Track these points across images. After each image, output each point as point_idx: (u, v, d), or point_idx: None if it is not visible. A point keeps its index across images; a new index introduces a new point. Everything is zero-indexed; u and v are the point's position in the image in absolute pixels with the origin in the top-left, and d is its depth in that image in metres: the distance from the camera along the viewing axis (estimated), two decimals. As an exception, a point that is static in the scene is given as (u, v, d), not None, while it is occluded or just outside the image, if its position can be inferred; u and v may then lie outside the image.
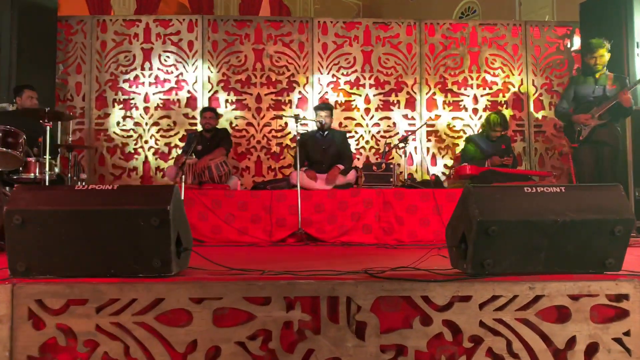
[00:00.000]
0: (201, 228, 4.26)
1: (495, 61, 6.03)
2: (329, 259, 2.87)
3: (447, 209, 4.32)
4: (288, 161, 5.75)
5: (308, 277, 1.84)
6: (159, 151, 5.73)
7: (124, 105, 5.76)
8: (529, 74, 6.02)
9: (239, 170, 5.76)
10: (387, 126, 5.89)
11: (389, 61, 5.93)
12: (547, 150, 5.99)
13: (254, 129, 5.79)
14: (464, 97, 5.97)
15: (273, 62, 5.85)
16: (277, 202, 4.31)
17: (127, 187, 2.04)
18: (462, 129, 5.95)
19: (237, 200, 4.32)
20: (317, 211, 4.31)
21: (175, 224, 1.90)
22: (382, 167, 4.52)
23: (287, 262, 2.68)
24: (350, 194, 4.35)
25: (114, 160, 5.70)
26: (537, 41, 6.08)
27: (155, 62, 5.79)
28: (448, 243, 2.21)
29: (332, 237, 4.26)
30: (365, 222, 4.30)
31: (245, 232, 4.24)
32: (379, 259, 2.79)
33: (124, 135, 5.72)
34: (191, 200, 4.30)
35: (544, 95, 6.03)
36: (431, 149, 5.92)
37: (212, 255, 3.44)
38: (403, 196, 4.34)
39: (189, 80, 5.78)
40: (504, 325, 1.79)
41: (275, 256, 3.13)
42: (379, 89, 5.91)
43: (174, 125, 5.75)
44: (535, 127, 5.99)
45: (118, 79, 5.75)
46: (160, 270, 1.86)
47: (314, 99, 5.80)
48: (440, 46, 6.00)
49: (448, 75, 5.97)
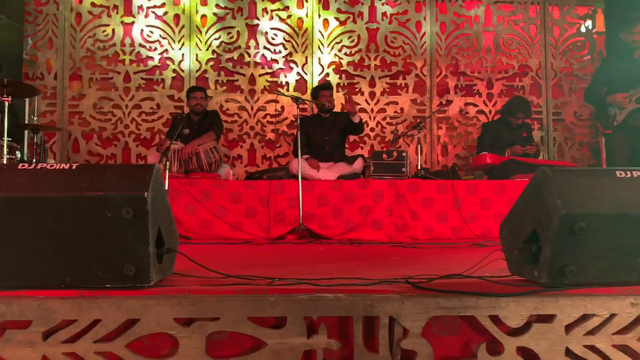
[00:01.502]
0: (188, 223, 3.79)
1: (512, 42, 5.62)
2: (343, 260, 2.42)
3: (468, 202, 3.92)
4: (285, 149, 5.29)
5: (335, 289, 1.39)
6: (141, 137, 5.23)
7: (101, 85, 5.24)
8: (548, 57, 5.63)
9: (230, 159, 5.28)
10: (394, 112, 5.46)
11: (396, 40, 5.49)
12: (566, 139, 5.61)
13: (246, 114, 5.32)
14: (477, 81, 5.55)
15: (268, 40, 5.37)
16: (275, 194, 3.85)
17: (90, 167, 1.57)
18: (476, 115, 5.54)
19: (230, 191, 3.86)
20: (320, 204, 3.87)
21: (156, 216, 1.44)
22: (393, 155, 4.08)
23: (294, 265, 2.23)
24: (358, 185, 3.90)
25: (89, 147, 5.19)
26: (556, 21, 5.68)
27: (137, 38, 5.28)
28: (505, 243, 1.78)
29: (337, 234, 3.82)
30: (375, 217, 3.86)
31: (238, 228, 3.78)
32: (405, 262, 2.35)
33: (102, 119, 5.21)
34: (177, 191, 3.82)
35: (563, 79, 5.64)
36: (442, 137, 5.50)
37: (200, 254, 2.98)
38: (418, 188, 3.91)
39: (175, 58, 5.29)
40: (598, 355, 1.37)
41: (276, 257, 2.68)
42: (385, 71, 5.46)
43: (157, 108, 5.26)
44: (554, 114, 5.61)
45: (95, 55, 5.24)
46: (135, 279, 1.41)
47: (313, 80, 5.34)
48: (452, 25, 5.57)
49: (460, 57, 5.56)
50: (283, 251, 2.99)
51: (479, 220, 3.92)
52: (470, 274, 1.73)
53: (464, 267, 2.12)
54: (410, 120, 5.43)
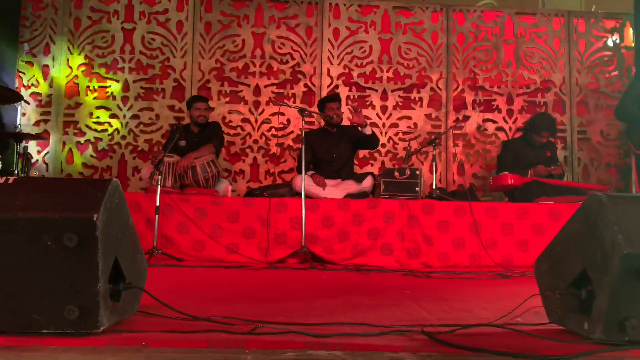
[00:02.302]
0: (180, 243, 3.52)
1: (534, 56, 5.34)
2: (347, 293, 2.13)
3: (487, 226, 3.61)
4: (289, 164, 5.02)
5: (332, 343, 1.10)
6: (138, 149, 5.00)
7: (99, 94, 5.04)
8: (572, 72, 5.33)
9: (231, 174, 5.03)
10: (407, 127, 5.18)
11: (410, 52, 5.24)
12: (592, 160, 5.28)
13: (250, 126, 5.07)
14: (496, 96, 5.27)
15: (275, 49, 5.15)
16: (276, 213, 3.57)
17: (30, 181, 1.31)
18: (495, 133, 5.24)
19: (227, 209, 3.59)
20: (325, 225, 3.58)
21: (110, 244, 1.17)
22: (405, 174, 3.79)
23: (288, 300, 1.93)
24: (367, 206, 3.61)
25: (84, 158, 4.97)
26: (581, 34, 5.40)
27: (138, 45, 5.08)
28: (544, 284, 1.48)
29: (343, 259, 3.52)
30: (385, 240, 3.56)
31: (234, 250, 3.50)
32: (419, 297, 2.04)
33: (98, 129, 5.00)
34: (169, 207, 3.56)
35: (589, 96, 5.33)
36: (458, 155, 5.20)
37: (189, 279, 2.71)
38: (432, 210, 3.61)
39: (177, 67, 5.08)
40: None
41: (271, 287, 2.39)
42: (398, 84, 5.20)
43: (156, 119, 5.03)
44: (578, 133, 5.29)
45: (93, 63, 5.05)
46: (79, 324, 1.13)
47: (321, 93, 5.10)
48: (470, 36, 5.32)
49: (479, 70, 5.28)
50: (280, 279, 2.70)
51: (500, 246, 3.60)
52: (505, 323, 1.42)
53: (491, 305, 1.82)
54: (424, 137, 5.14)
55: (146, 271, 1.50)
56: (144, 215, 3.57)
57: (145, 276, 1.50)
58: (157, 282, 2.33)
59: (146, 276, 1.50)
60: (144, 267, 1.46)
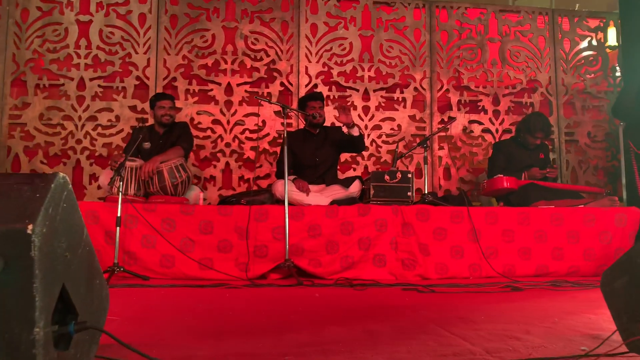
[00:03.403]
0: (145, 259, 3.12)
1: (519, 55, 5.20)
2: (352, 318, 1.80)
3: (487, 233, 3.37)
4: (266, 169, 4.67)
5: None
6: (96, 154, 4.55)
7: (50, 93, 4.57)
8: (558, 72, 5.22)
9: (201, 181, 4.64)
10: (391, 129, 4.92)
11: (392, 50, 5.00)
12: (580, 163, 5.15)
13: (221, 128, 4.70)
14: (482, 97, 5.09)
15: (249, 45, 4.81)
16: (255, 223, 3.22)
17: None
18: (481, 135, 5.05)
19: (199, 219, 3.21)
20: (311, 235, 3.25)
21: (54, 266, 0.82)
22: (396, 177, 3.51)
23: (293, 329, 1.59)
24: (358, 213, 3.31)
25: (33, 165, 4.48)
26: (566, 34, 5.30)
27: (95, 39, 4.65)
28: (619, 306, 1.20)
29: (332, 272, 3.20)
30: (378, 251, 3.26)
31: (209, 266, 3.12)
32: (441, 319, 1.74)
33: (49, 132, 4.52)
34: (133, 218, 3.16)
35: (575, 97, 5.23)
36: (443, 159, 4.97)
37: (155, 303, 2.31)
38: (428, 216, 3.34)
39: (139, 63, 4.67)
40: None
41: (261, 310, 2.04)
42: (380, 83, 4.95)
43: (116, 120, 4.60)
44: (566, 135, 5.16)
45: (43, 58, 4.58)
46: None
47: (299, 92, 4.78)
48: (454, 34, 5.13)
49: (463, 69, 5.09)
50: (266, 299, 2.35)
51: (501, 255, 3.36)
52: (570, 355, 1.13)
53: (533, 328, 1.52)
54: (408, 139, 4.90)
55: (107, 301, 1.13)
56: (103, 228, 3.16)
57: (107, 308, 1.13)
58: (118, 308, 1.94)
59: (107, 308, 1.14)
60: (104, 296, 1.10)
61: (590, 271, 3.40)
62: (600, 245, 3.44)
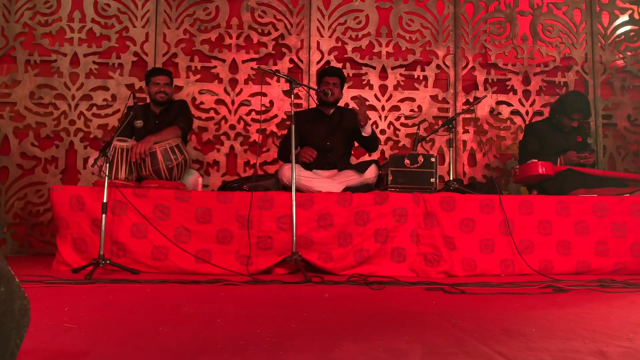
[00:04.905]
0: (135, 250, 2.82)
1: (552, 30, 4.76)
2: (375, 329, 1.46)
3: (521, 225, 3.00)
4: (273, 154, 4.33)
5: None
6: (90, 136, 4.25)
7: (41, 69, 4.27)
8: (595, 49, 4.77)
9: (203, 166, 4.32)
10: (410, 111, 4.54)
11: (413, 23, 4.60)
12: (618, 148, 4.72)
13: (225, 109, 4.37)
14: (511, 75, 4.67)
15: (255, 18, 4.45)
16: (259, 211, 2.89)
17: None
18: (510, 117, 4.64)
19: (196, 206, 2.89)
20: (321, 226, 2.91)
21: None
22: (418, 161, 3.15)
23: (299, 347, 1.26)
24: (374, 201, 2.95)
25: (23, 147, 4.20)
26: (604, 6, 4.84)
27: (90, 12, 4.34)
28: None
29: (344, 267, 2.86)
30: (396, 244, 2.91)
31: (206, 259, 2.80)
32: (481, 331, 1.39)
33: (40, 112, 4.23)
34: (122, 205, 2.85)
35: (614, 76, 4.78)
36: (468, 143, 4.58)
37: (147, 301, 2.00)
38: (454, 205, 2.97)
39: (137, 38, 4.35)
40: None
41: (254, 315, 1.72)
42: (399, 60, 4.56)
43: (112, 100, 4.29)
44: (603, 117, 4.73)
45: (34, 32, 4.28)
46: None
47: (310, 69, 4.42)
48: (480, 7, 4.71)
49: (490, 45, 4.68)
50: (271, 300, 2.02)
51: (536, 250, 2.99)
52: None
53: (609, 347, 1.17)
54: (430, 121, 4.52)
55: (24, 315, 0.80)
56: (89, 216, 2.86)
57: (24, 325, 0.80)
58: (96, 310, 1.63)
59: (26, 325, 0.81)
60: (18, 309, 0.77)
61: (638, 269, 3.02)
62: (650, 240, 3.05)
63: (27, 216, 4.13)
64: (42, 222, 4.13)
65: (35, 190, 4.16)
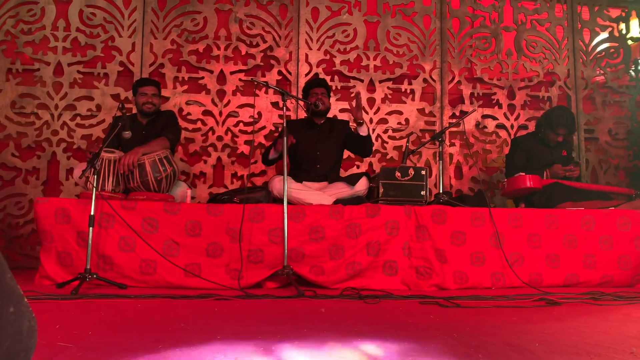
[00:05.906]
0: (123, 264, 2.75)
1: (536, 45, 4.87)
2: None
3: (511, 238, 3.02)
4: (261, 166, 4.30)
5: None
6: (74, 147, 4.17)
7: (23, 78, 4.19)
8: (577, 64, 4.89)
9: (189, 178, 4.27)
10: (398, 123, 4.57)
11: (400, 37, 4.66)
12: (600, 162, 4.83)
13: (213, 120, 4.33)
14: (496, 90, 4.75)
15: (244, 30, 4.45)
16: (250, 224, 2.85)
17: None
18: (495, 131, 4.71)
19: (185, 219, 2.84)
20: (313, 239, 2.89)
21: None
22: (409, 174, 3.16)
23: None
24: (366, 213, 2.95)
25: (3, 158, 4.09)
26: (586, 23, 4.98)
27: (75, 20, 4.28)
28: None
29: (337, 281, 2.84)
30: (389, 257, 2.91)
31: (195, 273, 2.75)
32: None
33: (22, 122, 4.14)
34: (109, 218, 2.78)
35: (595, 91, 4.90)
36: (454, 156, 4.63)
37: (135, 317, 1.95)
38: (445, 218, 2.99)
39: (123, 48, 4.30)
40: None
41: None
42: (386, 74, 4.60)
43: (97, 110, 4.23)
44: (585, 132, 4.83)
45: (17, 40, 4.20)
46: None
47: (299, 82, 4.43)
48: (466, 22, 4.79)
49: (476, 60, 4.75)
50: (255, 317, 1.98)
51: (526, 262, 3.02)
52: None
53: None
54: (417, 134, 4.55)
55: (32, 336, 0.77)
56: (75, 229, 2.79)
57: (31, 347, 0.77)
58: (89, 327, 1.58)
59: (33, 346, 0.78)
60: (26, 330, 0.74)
61: (625, 281, 3.07)
62: (636, 253, 3.10)
63: (6, 228, 4.01)
64: (22, 234, 4.02)
65: (15, 202, 4.05)
